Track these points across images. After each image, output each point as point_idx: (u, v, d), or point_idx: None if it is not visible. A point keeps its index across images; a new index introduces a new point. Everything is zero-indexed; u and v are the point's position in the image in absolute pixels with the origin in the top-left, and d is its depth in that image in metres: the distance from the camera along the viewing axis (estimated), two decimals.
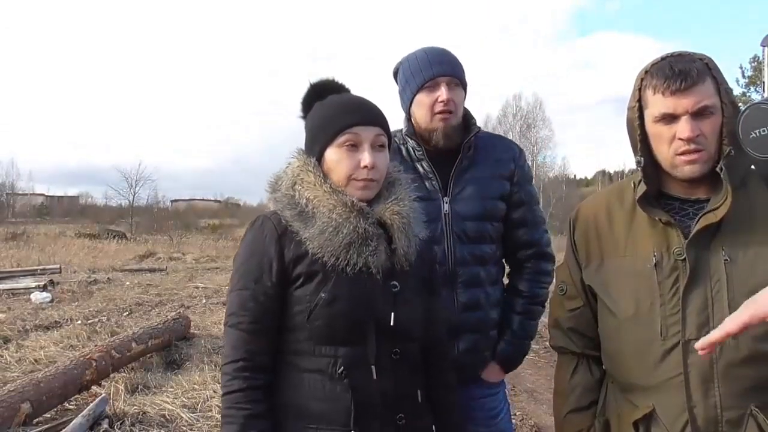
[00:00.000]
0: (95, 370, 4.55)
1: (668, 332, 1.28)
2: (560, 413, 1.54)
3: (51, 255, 17.24)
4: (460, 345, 1.85)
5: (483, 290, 1.88)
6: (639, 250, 1.35)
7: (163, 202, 47.82)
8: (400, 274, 1.39)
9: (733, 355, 1.23)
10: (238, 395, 1.29)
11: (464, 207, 1.86)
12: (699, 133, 1.26)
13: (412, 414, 1.37)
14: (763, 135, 1.26)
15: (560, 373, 1.56)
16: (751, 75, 25.18)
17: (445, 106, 1.84)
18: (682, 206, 1.35)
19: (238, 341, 1.33)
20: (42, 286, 10.34)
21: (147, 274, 13.88)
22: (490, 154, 1.93)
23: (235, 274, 1.39)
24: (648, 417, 1.31)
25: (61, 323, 7.49)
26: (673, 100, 1.26)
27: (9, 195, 50.25)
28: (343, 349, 1.31)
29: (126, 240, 26.18)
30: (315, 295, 1.31)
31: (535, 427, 4.45)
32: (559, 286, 1.54)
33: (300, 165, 1.41)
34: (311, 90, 1.49)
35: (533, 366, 6.36)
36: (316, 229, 1.33)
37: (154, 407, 4.17)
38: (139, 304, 9.24)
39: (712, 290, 1.26)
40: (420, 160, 1.90)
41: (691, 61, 1.29)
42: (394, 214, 1.40)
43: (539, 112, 49.81)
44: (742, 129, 1.27)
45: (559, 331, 1.54)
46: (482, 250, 1.88)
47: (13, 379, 4.78)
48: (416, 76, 1.88)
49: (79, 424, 3.58)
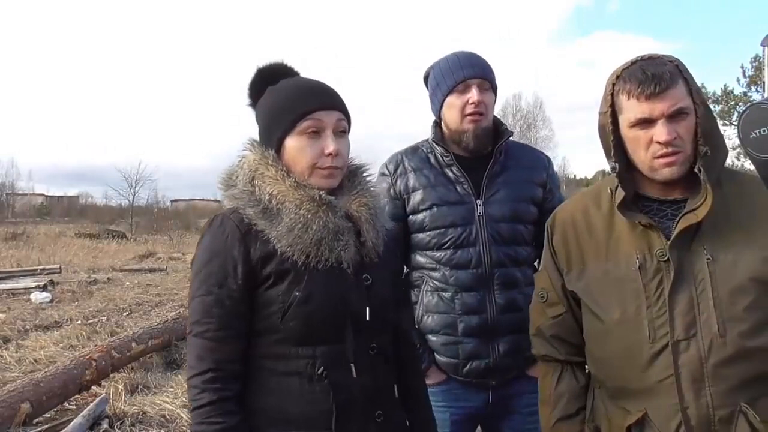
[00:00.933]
0: (95, 370, 4.55)
1: (656, 334, 1.28)
2: (548, 422, 1.52)
3: (51, 255, 17.24)
4: (500, 347, 1.85)
5: (520, 291, 1.87)
6: (621, 253, 1.35)
7: (163, 202, 47.83)
8: (370, 267, 1.34)
9: (722, 353, 1.24)
10: (209, 408, 1.20)
11: (497, 209, 1.88)
12: (676, 136, 1.27)
13: (389, 409, 1.34)
14: (763, 135, 1.26)
15: (545, 382, 1.54)
16: (752, 75, 25.18)
17: (476, 107, 1.86)
18: (660, 207, 1.36)
19: (204, 351, 1.24)
20: (42, 286, 10.34)
21: (147, 274, 13.86)
22: (521, 160, 1.97)
23: (195, 279, 1.29)
24: (641, 421, 1.31)
25: (61, 323, 7.49)
26: (648, 104, 1.28)
27: (9, 195, 50.24)
28: (321, 348, 1.25)
29: (126, 240, 26.15)
30: (288, 294, 1.24)
31: None
32: (539, 293, 1.52)
33: (257, 158, 1.32)
34: (259, 74, 1.40)
35: None
36: (283, 226, 1.26)
37: (154, 407, 4.18)
38: (139, 304, 9.23)
39: (697, 290, 1.27)
40: (450, 165, 1.91)
41: (663, 64, 1.30)
42: (360, 206, 1.35)
43: (539, 112, 49.81)
44: (742, 129, 1.28)
45: (542, 339, 1.52)
46: (517, 251, 1.89)
47: (13, 379, 4.79)
48: (447, 78, 1.90)
49: (79, 424, 3.58)
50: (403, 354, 1.48)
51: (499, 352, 1.84)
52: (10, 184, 51.02)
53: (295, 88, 1.36)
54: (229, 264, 1.26)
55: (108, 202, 46.64)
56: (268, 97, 1.37)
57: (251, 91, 1.41)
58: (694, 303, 1.27)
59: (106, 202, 47.11)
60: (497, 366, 1.84)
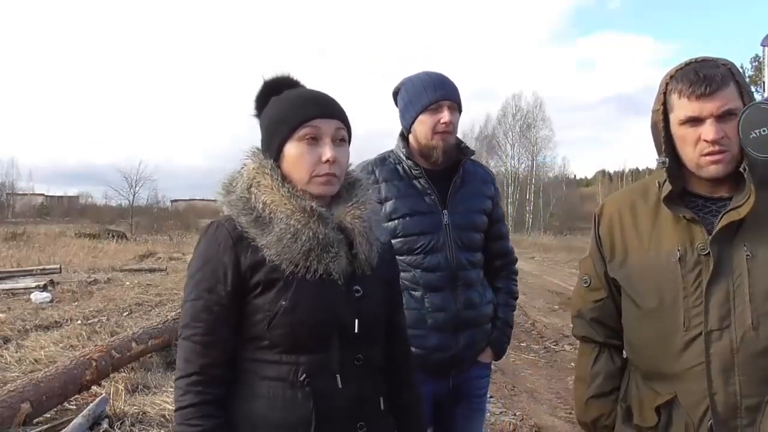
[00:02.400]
0: (95, 370, 4.55)
1: (691, 323, 1.35)
2: (581, 398, 1.61)
3: (51, 255, 17.23)
4: (461, 341, 2.08)
5: (476, 290, 2.13)
6: (663, 245, 1.41)
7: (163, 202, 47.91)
8: (361, 279, 1.35)
9: (754, 345, 1.30)
10: (190, 410, 1.24)
11: (460, 219, 2.10)
12: (723, 135, 1.32)
13: (372, 421, 1.35)
14: (764, 135, 1.29)
15: (582, 361, 1.63)
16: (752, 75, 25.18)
17: (446, 127, 2.06)
18: (705, 204, 1.41)
19: (191, 354, 1.27)
20: (42, 286, 10.33)
21: (147, 274, 13.85)
22: (475, 175, 2.20)
23: (188, 283, 1.32)
24: (670, 403, 1.39)
25: (61, 323, 7.48)
26: (698, 104, 1.33)
27: (9, 195, 50.31)
28: (305, 357, 1.27)
29: (126, 240, 26.14)
30: (275, 303, 1.26)
31: (535, 427, 4.45)
32: (583, 278, 1.61)
33: (256, 167, 1.35)
34: (265, 86, 1.43)
35: (533, 366, 6.36)
36: (273, 236, 1.27)
37: (154, 407, 4.18)
38: (139, 304, 9.22)
39: (734, 284, 1.33)
40: (418, 177, 2.10)
41: (715, 66, 1.35)
42: (354, 218, 1.35)
43: (539, 112, 49.97)
44: (742, 129, 1.31)
45: (583, 320, 1.61)
46: (474, 256, 2.14)
47: (13, 379, 4.78)
48: (422, 97, 2.07)
49: (79, 424, 3.58)
50: (396, 365, 1.49)
51: (459, 345, 2.07)
52: (10, 184, 51.18)
53: (296, 97, 1.39)
54: (220, 270, 1.28)
55: (108, 202, 46.74)
56: (271, 106, 1.40)
57: (257, 102, 1.44)
58: (730, 296, 1.33)
59: (106, 202, 47.21)
60: (457, 357, 2.08)
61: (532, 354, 6.89)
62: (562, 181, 52.82)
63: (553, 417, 4.73)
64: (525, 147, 50.18)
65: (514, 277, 2.31)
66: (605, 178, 65.08)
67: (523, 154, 50.35)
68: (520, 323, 8.53)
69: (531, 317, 9.24)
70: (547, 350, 7.09)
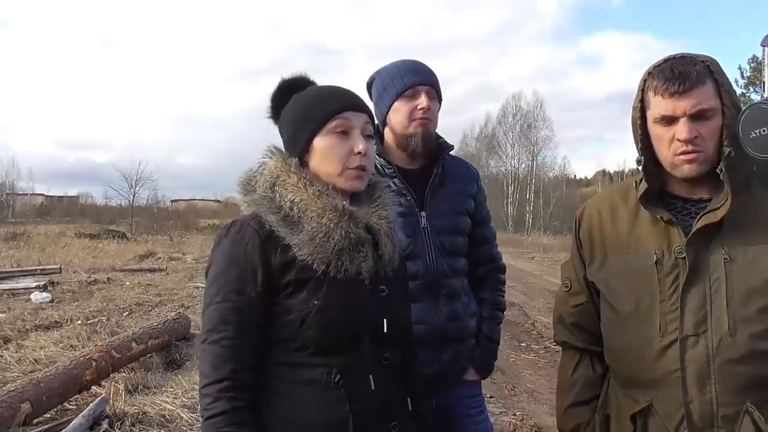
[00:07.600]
0: (95, 370, 4.55)
1: (667, 329, 1.31)
2: (561, 407, 1.57)
3: (51, 255, 17.21)
4: (444, 356, 1.86)
5: (460, 301, 1.91)
6: (641, 247, 1.37)
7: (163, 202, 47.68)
8: (385, 279, 1.34)
9: (731, 352, 1.25)
10: (223, 418, 1.17)
11: (439, 221, 1.90)
12: (697, 135, 1.29)
13: (404, 420, 1.34)
14: (763, 135, 1.28)
15: (563, 368, 1.59)
16: (750, 75, 25.16)
17: (424, 113, 1.86)
18: (684, 205, 1.37)
19: (219, 359, 1.21)
20: (42, 286, 10.32)
21: (147, 274, 13.83)
22: (456, 173, 1.99)
23: (212, 285, 1.26)
24: (645, 411, 1.34)
25: (61, 323, 7.48)
26: (671, 102, 1.29)
27: (9, 195, 50.24)
28: (337, 358, 1.25)
29: (126, 240, 26.09)
30: (307, 302, 1.23)
31: (535, 427, 4.45)
32: (564, 282, 1.57)
33: (279, 165, 1.32)
34: (283, 85, 1.40)
35: (533, 366, 6.36)
36: (305, 234, 1.25)
37: (154, 407, 4.17)
38: (139, 304, 9.22)
39: (711, 288, 1.29)
40: (392, 177, 1.88)
41: (692, 63, 1.31)
42: (381, 218, 1.35)
43: (539, 112, 49.81)
44: (742, 129, 1.29)
45: (563, 326, 1.57)
46: (457, 262, 1.92)
47: (13, 379, 4.78)
48: (396, 82, 1.88)
49: (79, 424, 3.58)
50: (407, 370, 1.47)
51: (442, 360, 1.86)
52: (10, 184, 51.08)
53: (324, 90, 1.38)
54: (249, 271, 1.24)
55: (108, 202, 46.58)
56: (294, 102, 1.37)
57: (273, 102, 1.41)
58: (707, 301, 1.28)
59: (106, 202, 47.03)
60: (441, 374, 1.85)
61: (532, 354, 6.89)
62: (562, 181, 52.72)
63: (553, 417, 4.71)
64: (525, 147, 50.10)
65: (501, 287, 2.08)
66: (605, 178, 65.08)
67: (523, 154, 50.27)
68: (520, 323, 8.54)
69: (531, 317, 9.23)
70: (547, 350, 7.08)
